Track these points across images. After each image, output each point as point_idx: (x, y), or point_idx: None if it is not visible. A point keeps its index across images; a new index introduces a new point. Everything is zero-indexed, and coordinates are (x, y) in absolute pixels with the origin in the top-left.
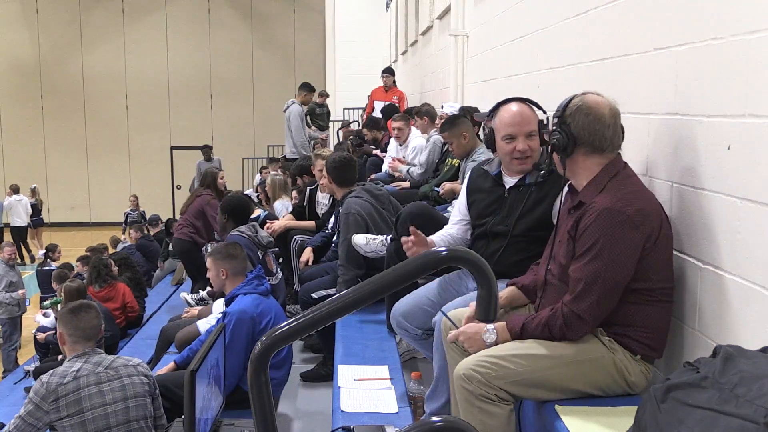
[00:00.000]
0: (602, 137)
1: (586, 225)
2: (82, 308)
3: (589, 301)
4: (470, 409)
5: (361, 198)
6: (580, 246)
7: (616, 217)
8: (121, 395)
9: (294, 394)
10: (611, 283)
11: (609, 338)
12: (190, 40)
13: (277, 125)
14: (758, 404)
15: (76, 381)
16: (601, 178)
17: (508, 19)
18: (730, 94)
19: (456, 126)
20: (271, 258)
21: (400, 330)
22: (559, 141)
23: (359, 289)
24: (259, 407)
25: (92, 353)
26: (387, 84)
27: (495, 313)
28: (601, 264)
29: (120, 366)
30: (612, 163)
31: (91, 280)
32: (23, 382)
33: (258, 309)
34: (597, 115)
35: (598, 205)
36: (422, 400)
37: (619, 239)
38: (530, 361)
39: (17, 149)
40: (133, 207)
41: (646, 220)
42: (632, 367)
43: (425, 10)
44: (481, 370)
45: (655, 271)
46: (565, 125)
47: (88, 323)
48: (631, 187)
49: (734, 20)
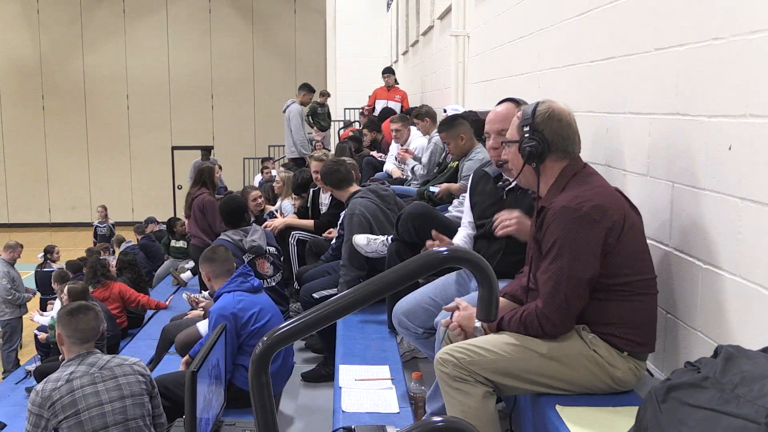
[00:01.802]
0: (572, 142)
1: (547, 226)
2: (80, 310)
3: (558, 300)
4: (449, 391)
5: (366, 199)
6: (543, 247)
7: (572, 214)
8: (118, 394)
9: (295, 394)
10: (576, 280)
11: (593, 335)
12: (190, 40)
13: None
14: (759, 404)
15: (69, 383)
16: (560, 181)
17: (508, 19)
18: (731, 95)
19: (454, 127)
20: (265, 262)
21: (401, 329)
22: (534, 148)
23: (360, 289)
24: (259, 407)
25: (87, 354)
26: (389, 83)
27: (496, 313)
28: (563, 262)
29: (115, 366)
30: (570, 166)
31: (88, 280)
32: (24, 382)
33: (239, 305)
34: (567, 120)
35: (556, 205)
36: (423, 400)
37: (577, 236)
38: (505, 350)
39: (18, 149)
40: (101, 219)
41: (605, 215)
42: (618, 364)
43: (426, 10)
44: (456, 354)
45: (627, 266)
46: (537, 132)
47: (86, 325)
48: (588, 185)
49: (735, 20)
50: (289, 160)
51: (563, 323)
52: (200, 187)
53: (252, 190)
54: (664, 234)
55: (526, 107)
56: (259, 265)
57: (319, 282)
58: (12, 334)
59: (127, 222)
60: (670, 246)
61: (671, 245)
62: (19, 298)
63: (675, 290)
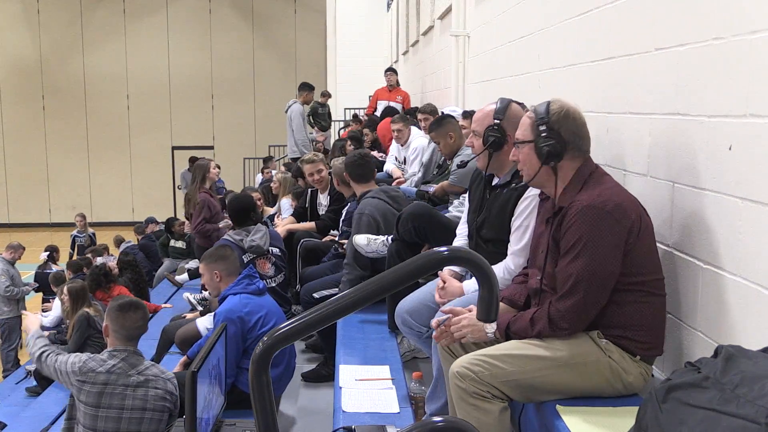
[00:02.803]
0: (587, 140)
1: (569, 224)
2: (131, 307)
3: (576, 298)
4: (464, 406)
5: (378, 199)
6: (563, 245)
7: (596, 213)
8: (140, 404)
9: (295, 394)
10: (598, 279)
11: (606, 340)
12: (191, 40)
13: (279, 125)
14: (760, 404)
15: (108, 375)
16: (577, 181)
17: (509, 19)
18: (731, 94)
19: (442, 126)
20: (266, 262)
21: (404, 328)
22: (553, 147)
23: (360, 289)
24: (260, 407)
25: (132, 354)
26: (391, 82)
27: (496, 314)
28: (586, 260)
29: (152, 375)
30: (585, 165)
31: (90, 284)
32: (24, 382)
33: (246, 308)
34: (581, 119)
35: (578, 204)
36: (423, 400)
37: (602, 234)
38: (523, 362)
39: (18, 149)
40: (80, 229)
41: (626, 215)
42: (630, 369)
43: (426, 10)
44: (474, 368)
45: (643, 264)
46: (554, 131)
47: (133, 323)
48: (606, 185)
49: (735, 21)
50: (290, 160)
51: (577, 323)
52: (201, 183)
53: (251, 191)
54: (665, 234)
55: (539, 106)
56: (260, 265)
57: (320, 281)
58: (10, 333)
59: (127, 222)
60: (670, 246)
61: (671, 245)
62: (18, 293)
63: (675, 290)
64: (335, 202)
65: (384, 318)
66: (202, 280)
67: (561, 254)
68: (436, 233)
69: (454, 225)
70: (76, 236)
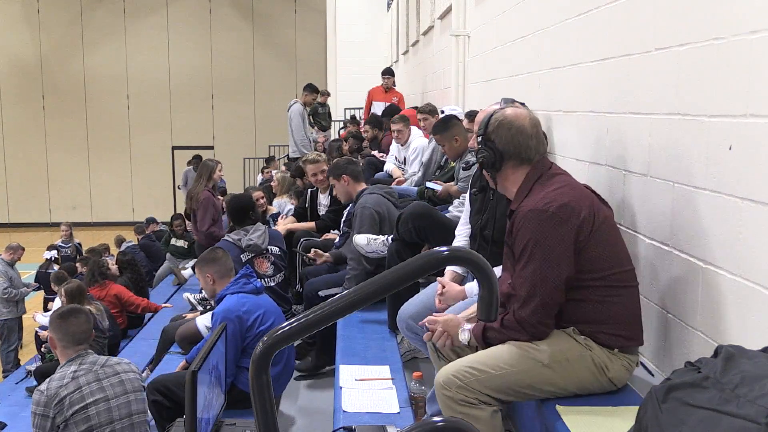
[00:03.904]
0: (527, 148)
1: (517, 230)
2: (71, 313)
3: (534, 303)
4: (453, 415)
5: (377, 194)
6: (516, 251)
7: (539, 216)
8: (122, 389)
9: (295, 394)
10: (551, 281)
11: (584, 337)
12: (191, 40)
13: (279, 125)
14: (760, 404)
15: (76, 381)
16: (525, 185)
17: (509, 19)
18: (731, 94)
19: (448, 129)
20: (265, 261)
21: (409, 333)
22: (486, 158)
23: (360, 289)
24: (260, 407)
25: (85, 354)
26: (387, 85)
27: (496, 313)
28: (536, 264)
29: (114, 364)
30: (535, 168)
31: (88, 280)
32: (25, 382)
33: (243, 307)
34: (519, 127)
35: (523, 209)
36: (423, 400)
37: (548, 236)
38: (507, 365)
39: (19, 149)
40: (65, 239)
41: (573, 213)
42: (611, 363)
43: (426, 10)
44: (460, 376)
45: (604, 260)
46: (490, 142)
47: (77, 328)
48: (554, 186)
49: (735, 20)
50: (290, 159)
51: (543, 325)
52: (206, 182)
53: (254, 190)
54: (665, 234)
55: (484, 117)
56: (258, 264)
57: (324, 279)
58: (9, 334)
59: (127, 222)
60: (670, 246)
61: (671, 245)
62: (17, 294)
63: (675, 290)
64: (335, 202)
65: (384, 318)
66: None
67: (516, 260)
68: (436, 233)
69: (455, 225)
70: (61, 247)
